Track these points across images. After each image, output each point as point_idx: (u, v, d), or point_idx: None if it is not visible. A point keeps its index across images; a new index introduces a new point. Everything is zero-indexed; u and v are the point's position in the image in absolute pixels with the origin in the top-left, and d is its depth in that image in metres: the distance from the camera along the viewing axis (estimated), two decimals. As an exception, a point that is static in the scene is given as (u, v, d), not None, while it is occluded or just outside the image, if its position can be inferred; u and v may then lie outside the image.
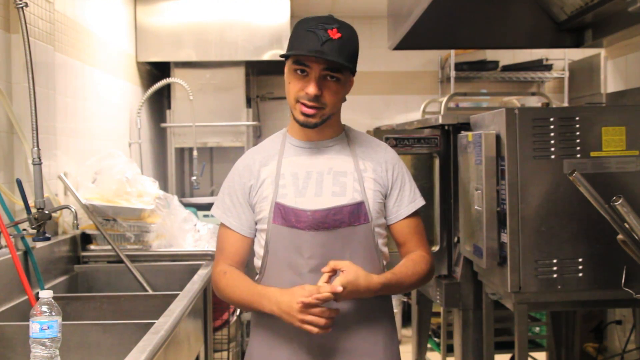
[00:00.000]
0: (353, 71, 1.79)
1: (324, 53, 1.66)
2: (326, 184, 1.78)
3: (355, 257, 1.74)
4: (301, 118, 1.74)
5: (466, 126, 2.70)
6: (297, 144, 1.84)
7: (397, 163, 1.86)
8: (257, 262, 1.83)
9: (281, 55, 1.76)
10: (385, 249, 1.84)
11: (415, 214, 1.86)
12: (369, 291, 1.67)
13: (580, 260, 2.23)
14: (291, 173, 1.79)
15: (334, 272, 1.67)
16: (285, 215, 1.75)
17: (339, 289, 1.60)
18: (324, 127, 1.80)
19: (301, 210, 1.74)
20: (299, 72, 1.72)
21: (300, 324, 1.62)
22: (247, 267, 1.85)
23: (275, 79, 5.68)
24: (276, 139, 1.89)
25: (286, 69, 1.78)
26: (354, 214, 1.76)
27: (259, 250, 1.82)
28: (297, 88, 1.73)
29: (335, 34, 1.68)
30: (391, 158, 1.86)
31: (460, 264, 2.78)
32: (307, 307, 1.61)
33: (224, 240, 1.85)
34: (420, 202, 1.87)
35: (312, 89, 1.70)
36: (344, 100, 1.82)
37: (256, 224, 1.82)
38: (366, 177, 1.80)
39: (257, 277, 1.83)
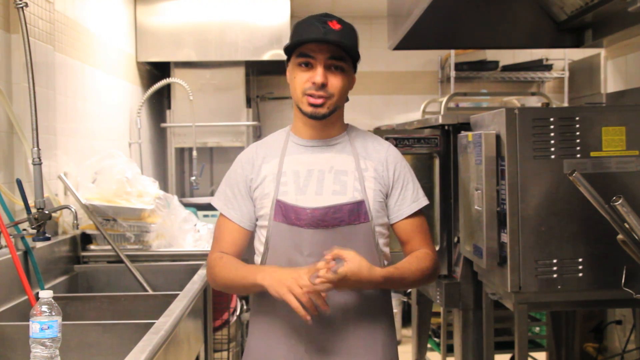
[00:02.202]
0: (355, 64, 1.81)
1: (328, 40, 1.69)
2: (327, 182, 1.78)
3: (355, 256, 1.75)
4: (309, 109, 1.75)
5: (466, 126, 2.70)
6: (299, 142, 1.85)
7: (399, 162, 1.86)
8: (257, 259, 1.83)
9: (285, 48, 1.77)
10: (386, 249, 1.84)
11: (418, 213, 1.86)
12: (370, 283, 1.67)
13: (580, 260, 2.23)
14: (293, 171, 1.80)
15: (331, 260, 1.65)
16: (285, 213, 1.76)
17: (342, 272, 1.59)
18: (327, 125, 1.81)
19: (301, 207, 1.75)
20: (303, 65, 1.75)
21: (285, 292, 1.60)
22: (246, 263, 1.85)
23: (275, 79, 5.68)
24: (279, 136, 1.89)
25: (289, 66, 1.80)
26: (354, 212, 1.76)
27: (259, 247, 1.82)
28: (303, 80, 1.75)
29: (335, 25, 1.72)
30: (393, 157, 1.86)
31: (460, 264, 2.78)
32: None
33: (223, 230, 1.85)
34: (423, 201, 1.87)
35: (319, 77, 1.71)
36: (347, 100, 1.83)
37: (257, 220, 1.83)
38: (367, 176, 1.80)
39: None
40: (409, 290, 4.32)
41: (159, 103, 4.93)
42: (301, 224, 1.74)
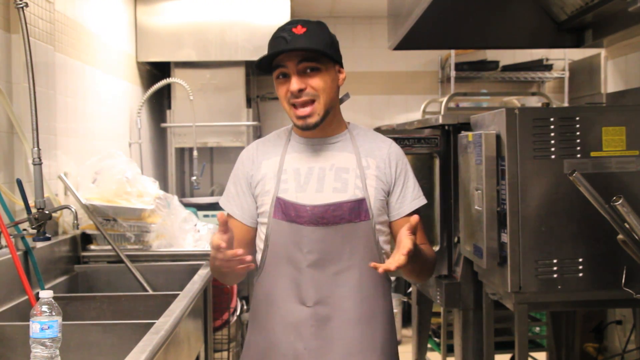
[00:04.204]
0: (334, 59, 1.79)
1: (294, 47, 1.70)
2: (327, 180, 1.79)
3: (355, 254, 1.76)
4: (299, 122, 1.76)
5: (466, 126, 2.70)
6: (300, 141, 1.85)
7: (400, 159, 1.87)
8: (258, 257, 1.84)
9: (255, 66, 1.80)
10: (387, 247, 1.84)
11: (416, 212, 1.86)
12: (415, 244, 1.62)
13: (580, 260, 2.23)
14: (293, 169, 1.81)
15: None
16: (285, 210, 1.76)
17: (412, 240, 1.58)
18: (326, 125, 1.81)
19: (301, 205, 1.75)
20: (281, 76, 1.77)
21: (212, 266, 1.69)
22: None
23: (276, 79, 5.66)
24: (282, 134, 1.91)
25: (274, 83, 1.81)
26: (354, 210, 1.76)
27: (259, 243, 1.83)
28: (283, 93, 1.76)
29: (299, 30, 1.72)
30: (395, 154, 1.87)
31: (460, 264, 2.78)
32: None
33: None
34: (422, 200, 1.88)
35: (294, 84, 1.73)
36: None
37: (258, 216, 1.83)
38: (369, 174, 1.80)
39: (257, 271, 1.84)
40: (409, 290, 4.32)
41: (159, 103, 4.92)
42: (301, 221, 1.75)
